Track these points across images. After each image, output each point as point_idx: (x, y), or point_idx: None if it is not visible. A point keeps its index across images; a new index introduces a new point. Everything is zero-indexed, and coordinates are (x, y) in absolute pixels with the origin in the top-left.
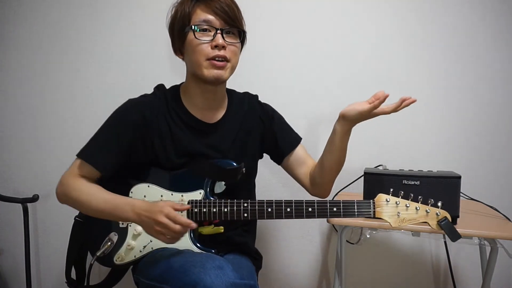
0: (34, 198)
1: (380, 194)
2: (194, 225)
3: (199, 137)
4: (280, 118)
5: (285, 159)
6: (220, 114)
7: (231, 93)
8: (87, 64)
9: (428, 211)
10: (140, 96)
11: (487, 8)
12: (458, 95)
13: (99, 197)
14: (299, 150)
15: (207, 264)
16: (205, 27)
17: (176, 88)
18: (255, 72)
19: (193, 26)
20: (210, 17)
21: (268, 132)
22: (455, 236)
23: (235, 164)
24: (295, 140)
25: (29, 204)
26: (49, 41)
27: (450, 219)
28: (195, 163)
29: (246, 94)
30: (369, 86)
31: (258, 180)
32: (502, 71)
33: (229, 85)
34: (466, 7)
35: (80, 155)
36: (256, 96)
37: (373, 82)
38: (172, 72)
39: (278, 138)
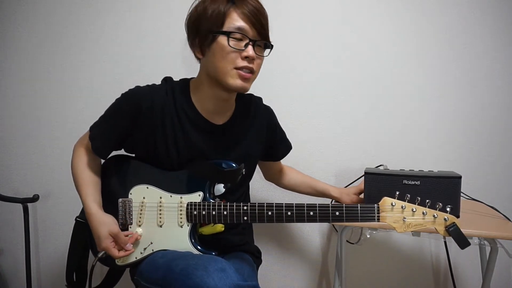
0: (34, 198)
1: (385, 197)
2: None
3: (205, 137)
4: (279, 126)
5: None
6: (227, 116)
7: (238, 95)
8: (88, 63)
9: (436, 216)
10: (147, 85)
11: (486, 8)
12: (458, 95)
13: (83, 181)
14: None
15: (210, 267)
16: (239, 36)
17: (185, 83)
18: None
19: (228, 33)
20: (245, 25)
21: (270, 140)
22: (464, 243)
23: (234, 165)
24: (288, 149)
25: (29, 204)
26: (50, 41)
27: (459, 225)
28: (194, 164)
29: (252, 97)
30: (368, 86)
31: (259, 181)
32: (502, 71)
33: None
34: (465, 7)
35: (90, 131)
36: (261, 100)
37: (372, 82)
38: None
39: (278, 147)
